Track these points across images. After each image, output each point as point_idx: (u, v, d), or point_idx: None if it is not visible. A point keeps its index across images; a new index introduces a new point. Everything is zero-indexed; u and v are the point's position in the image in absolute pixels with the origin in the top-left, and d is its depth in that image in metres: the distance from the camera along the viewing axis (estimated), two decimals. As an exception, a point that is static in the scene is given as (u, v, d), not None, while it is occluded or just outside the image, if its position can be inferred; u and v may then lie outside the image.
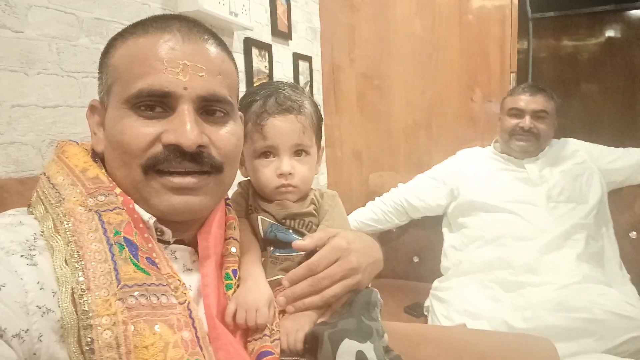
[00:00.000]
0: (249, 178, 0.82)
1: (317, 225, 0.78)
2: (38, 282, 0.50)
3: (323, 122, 0.85)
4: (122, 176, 0.61)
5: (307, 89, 2.19)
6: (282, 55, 1.97)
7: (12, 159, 0.90)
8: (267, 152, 0.77)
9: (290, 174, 0.76)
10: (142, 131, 0.59)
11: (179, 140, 0.58)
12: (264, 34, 1.83)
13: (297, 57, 2.07)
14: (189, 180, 0.60)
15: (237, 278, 0.68)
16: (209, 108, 0.63)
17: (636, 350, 1.17)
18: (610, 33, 2.89)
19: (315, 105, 0.82)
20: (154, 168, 0.59)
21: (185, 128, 0.58)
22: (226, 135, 0.64)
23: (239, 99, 0.80)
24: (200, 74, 0.61)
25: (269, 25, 1.86)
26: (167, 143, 0.59)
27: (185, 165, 0.60)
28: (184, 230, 0.67)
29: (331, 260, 0.69)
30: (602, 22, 2.90)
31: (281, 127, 0.75)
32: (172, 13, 1.32)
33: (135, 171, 0.60)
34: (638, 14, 2.77)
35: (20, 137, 0.91)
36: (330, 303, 0.70)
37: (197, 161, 0.60)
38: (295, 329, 0.65)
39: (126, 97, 0.59)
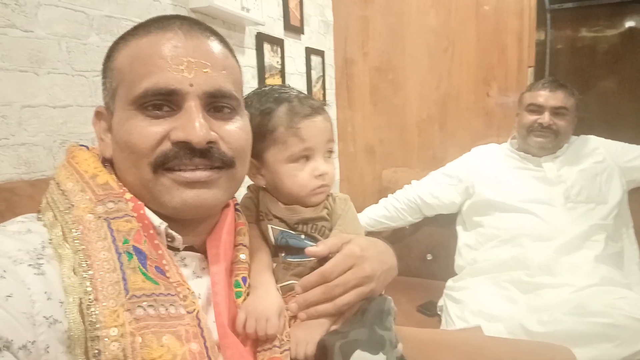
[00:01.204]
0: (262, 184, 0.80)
1: (330, 230, 0.76)
2: (45, 292, 0.49)
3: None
4: (131, 178, 0.61)
5: (320, 83, 2.16)
6: (295, 50, 1.95)
7: (23, 160, 0.89)
8: (303, 155, 0.75)
9: (327, 173, 0.76)
10: (150, 130, 0.58)
11: (188, 136, 0.57)
12: (276, 29, 1.80)
13: (309, 51, 2.04)
14: (200, 174, 0.59)
15: (246, 285, 0.67)
16: (216, 104, 0.62)
17: (657, 357, 1.14)
18: (630, 24, 2.81)
19: None
20: (163, 166, 0.59)
21: (193, 124, 0.57)
22: (235, 130, 0.63)
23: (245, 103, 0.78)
24: (204, 70, 0.60)
25: (282, 19, 1.84)
26: (176, 140, 0.58)
27: (196, 162, 0.59)
28: (192, 234, 0.65)
29: (345, 268, 0.67)
30: (622, 12, 2.82)
31: (318, 128, 0.75)
32: (184, 9, 1.30)
33: (145, 170, 0.59)
34: (660, 4, 2.69)
35: (31, 137, 0.91)
36: (343, 311, 0.68)
37: (207, 157, 0.60)
38: (306, 340, 0.64)
39: (132, 98, 0.58)
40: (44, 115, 0.93)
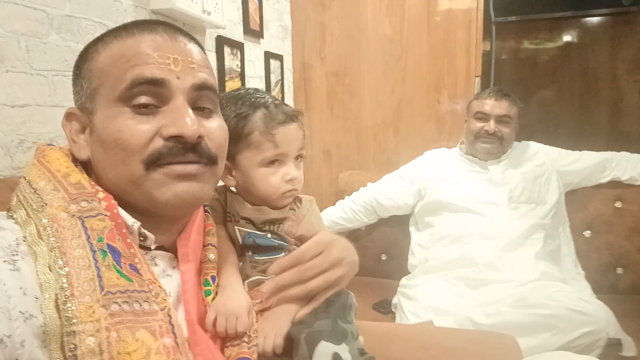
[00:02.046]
0: (223, 184, 0.83)
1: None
2: (21, 288, 0.50)
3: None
4: (116, 176, 0.61)
5: (278, 87, 2.19)
6: (254, 53, 1.97)
7: (-20, 160, 0.87)
8: (275, 160, 0.78)
9: (296, 178, 0.79)
10: (140, 128, 0.59)
11: (181, 131, 0.59)
12: (236, 33, 1.82)
13: (268, 55, 2.07)
14: (191, 167, 0.61)
15: (215, 284, 0.69)
16: (199, 103, 0.64)
17: (590, 343, 1.25)
18: (567, 38, 3.01)
19: None
20: (156, 163, 0.60)
21: (185, 120, 0.59)
22: (217, 129, 0.65)
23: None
24: (191, 66, 0.62)
25: (241, 23, 1.85)
26: (168, 136, 0.59)
27: (189, 156, 0.61)
28: (165, 234, 0.67)
29: (316, 253, 0.71)
30: (561, 27, 3.01)
31: (291, 135, 0.78)
32: (145, 11, 1.30)
33: (136, 167, 0.60)
34: (594, 20, 2.90)
35: (-12, 137, 0.89)
36: (312, 295, 0.71)
37: (197, 152, 0.61)
38: (274, 332, 0.67)
39: (118, 93, 0.59)
40: (1, 114, 0.91)
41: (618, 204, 1.83)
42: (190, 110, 0.61)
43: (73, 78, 0.66)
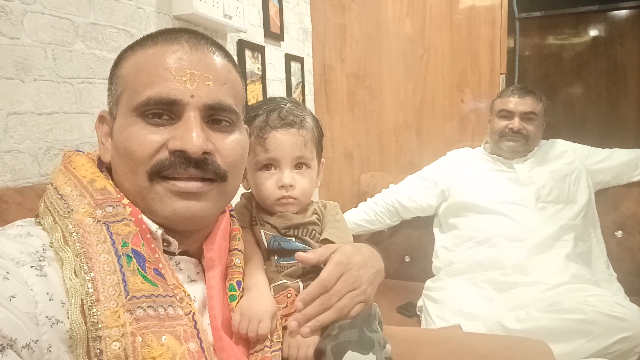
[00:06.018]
0: (251, 190, 0.83)
1: (320, 234, 0.79)
2: (47, 293, 0.51)
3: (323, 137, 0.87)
4: (129, 184, 0.62)
5: (299, 89, 2.19)
6: (275, 56, 1.97)
7: (9, 167, 0.89)
8: (269, 165, 0.78)
9: (291, 185, 0.77)
10: (149, 138, 0.60)
11: (185, 146, 0.59)
12: (257, 36, 1.82)
13: (289, 58, 2.07)
14: (193, 184, 0.61)
15: (240, 290, 0.69)
16: (215, 117, 0.63)
17: (627, 349, 1.20)
18: (594, 33, 2.93)
19: (316, 120, 0.84)
20: (159, 174, 0.60)
21: (191, 134, 0.59)
22: (231, 144, 0.64)
23: None
24: (207, 83, 0.62)
25: (262, 26, 1.86)
26: (173, 149, 0.59)
27: (190, 171, 0.60)
28: (188, 240, 0.67)
29: (337, 276, 0.70)
30: (587, 22, 2.94)
31: (283, 140, 0.77)
32: (167, 17, 1.31)
33: (141, 178, 0.60)
34: (621, 14, 2.82)
35: (17, 145, 0.90)
36: (344, 315, 0.70)
37: (202, 168, 0.61)
38: (307, 344, 0.67)
39: (134, 105, 0.60)
40: (29, 122, 0.92)
41: (651, 203, 1.77)
42: (199, 126, 0.60)
43: (108, 82, 0.67)
